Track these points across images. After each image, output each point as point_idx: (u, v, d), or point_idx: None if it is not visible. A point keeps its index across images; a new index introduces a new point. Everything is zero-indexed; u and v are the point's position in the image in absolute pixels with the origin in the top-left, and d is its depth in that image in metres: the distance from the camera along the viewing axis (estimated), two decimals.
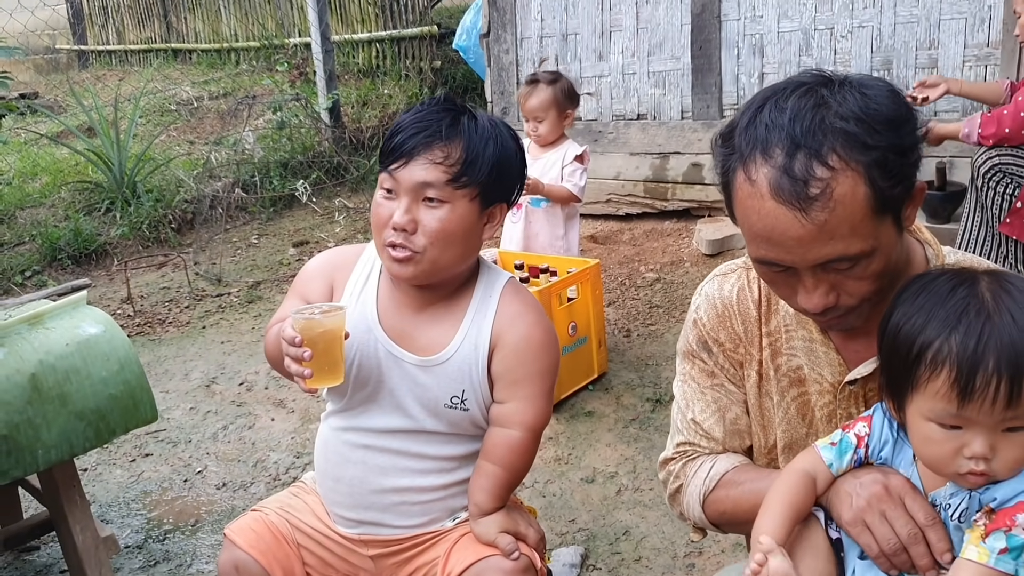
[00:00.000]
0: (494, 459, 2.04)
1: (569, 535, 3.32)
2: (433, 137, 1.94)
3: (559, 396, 4.15)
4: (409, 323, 2.06)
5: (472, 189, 1.96)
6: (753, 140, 1.51)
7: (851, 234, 1.47)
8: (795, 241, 1.48)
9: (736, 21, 6.24)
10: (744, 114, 1.56)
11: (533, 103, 4.45)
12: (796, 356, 1.78)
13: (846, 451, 1.61)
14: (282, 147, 8.21)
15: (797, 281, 1.56)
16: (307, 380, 1.87)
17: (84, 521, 2.94)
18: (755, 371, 1.84)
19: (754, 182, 1.49)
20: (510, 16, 7.26)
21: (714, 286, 1.90)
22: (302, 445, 4.06)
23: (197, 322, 5.72)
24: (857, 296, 1.55)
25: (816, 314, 1.59)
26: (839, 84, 1.51)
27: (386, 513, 2.09)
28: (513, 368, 2.03)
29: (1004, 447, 1.42)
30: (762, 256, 1.55)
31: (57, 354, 2.69)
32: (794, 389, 1.79)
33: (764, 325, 1.82)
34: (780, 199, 1.46)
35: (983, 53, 5.37)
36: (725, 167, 1.57)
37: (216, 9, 12.23)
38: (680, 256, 6.00)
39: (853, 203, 1.45)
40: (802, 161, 1.45)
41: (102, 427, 2.76)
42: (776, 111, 1.50)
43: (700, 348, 1.89)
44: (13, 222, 7.12)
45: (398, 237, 1.93)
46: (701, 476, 1.85)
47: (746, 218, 1.54)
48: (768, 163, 1.48)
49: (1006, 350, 1.38)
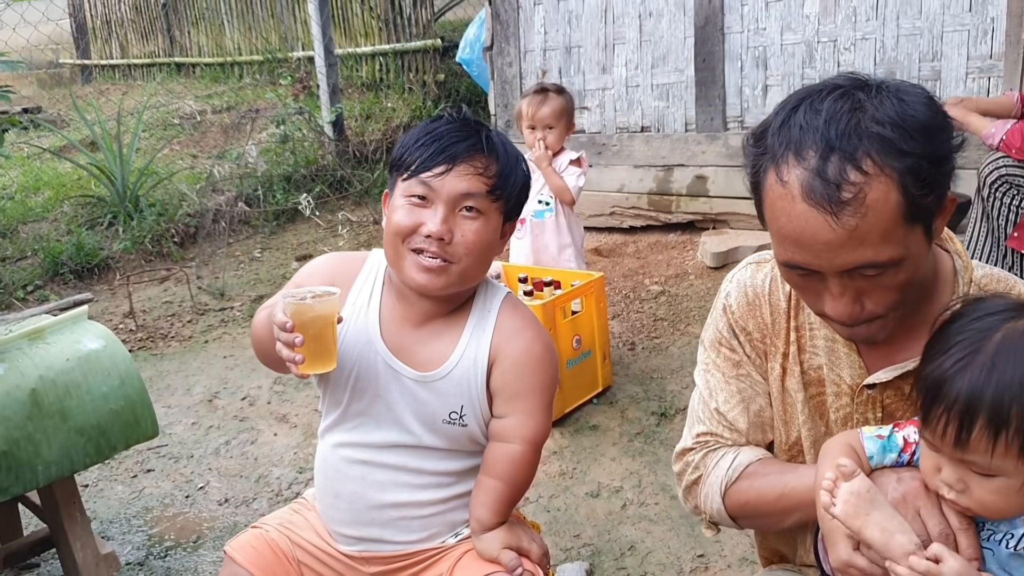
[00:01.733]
0: (495, 474, 2.02)
1: (574, 550, 3.29)
2: (476, 147, 1.93)
3: (564, 410, 4.13)
4: (409, 337, 2.04)
5: (504, 203, 1.97)
6: (786, 141, 1.50)
7: (881, 241, 1.45)
8: (824, 245, 1.46)
9: (739, 34, 6.23)
10: (778, 115, 1.55)
11: (546, 111, 4.47)
12: (818, 355, 1.77)
13: (890, 450, 1.58)
14: (285, 161, 8.21)
15: (824, 287, 1.54)
16: (299, 366, 1.84)
17: (85, 538, 2.92)
18: (779, 364, 1.82)
19: (785, 183, 1.48)
20: (513, 29, 7.26)
21: (747, 274, 1.88)
22: (304, 460, 4.04)
23: (199, 336, 5.71)
24: (883, 305, 1.54)
25: (841, 322, 1.57)
26: (876, 88, 1.50)
27: (386, 529, 2.07)
28: (512, 382, 2.01)
29: (976, 487, 1.41)
30: (790, 259, 1.53)
31: (58, 369, 2.67)
32: (812, 388, 1.79)
33: (793, 319, 1.80)
34: (811, 202, 1.45)
35: (986, 65, 5.35)
36: (756, 167, 1.56)
37: (220, 23, 12.26)
38: (685, 269, 5.98)
39: (885, 210, 1.43)
40: (836, 164, 1.43)
41: (103, 443, 2.75)
42: (811, 112, 1.49)
43: (730, 336, 1.87)
44: (15, 236, 7.12)
45: (432, 245, 1.90)
46: (724, 466, 1.82)
47: (775, 219, 1.52)
48: (801, 164, 1.47)
49: (973, 392, 1.36)
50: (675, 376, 4.52)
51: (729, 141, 6.34)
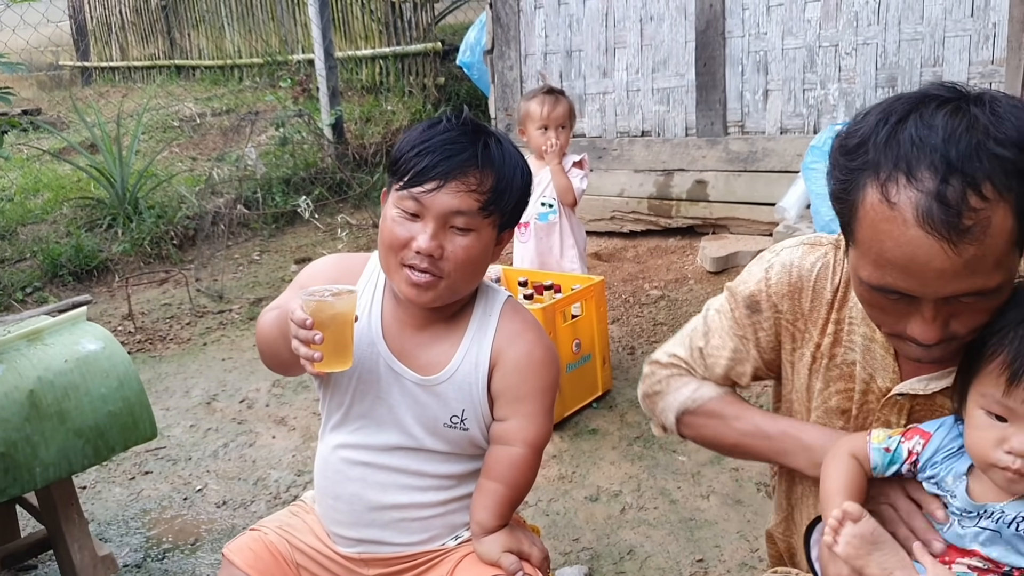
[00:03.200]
0: (495, 477, 2.01)
1: (573, 554, 3.28)
2: (469, 163, 1.89)
3: (563, 414, 4.13)
4: (410, 341, 2.03)
5: (497, 217, 1.95)
6: (896, 157, 1.40)
7: (994, 268, 1.39)
8: (936, 274, 1.38)
9: (740, 38, 6.23)
10: (879, 126, 1.44)
11: (560, 111, 4.50)
12: (853, 351, 1.74)
13: (895, 462, 1.60)
14: (285, 163, 8.21)
15: (912, 311, 1.47)
16: (316, 364, 1.83)
17: (82, 539, 2.91)
18: (810, 352, 1.80)
19: (895, 205, 1.38)
20: (514, 33, 7.26)
21: (797, 253, 1.82)
22: (303, 463, 4.03)
23: (198, 339, 5.70)
24: (969, 327, 1.48)
25: (926, 346, 1.49)
26: (988, 103, 1.41)
27: (386, 530, 2.06)
28: (514, 385, 2.01)
29: None
30: (887, 284, 1.44)
31: (56, 370, 2.66)
32: (841, 383, 1.76)
33: (835, 311, 1.76)
34: (928, 228, 1.35)
35: (987, 70, 5.35)
36: (851, 182, 1.46)
37: (220, 26, 12.26)
38: (684, 273, 5.98)
39: (1000, 236, 1.37)
40: (957, 188, 1.34)
41: (101, 444, 2.73)
42: (924, 128, 1.39)
43: (745, 303, 1.87)
44: (14, 238, 7.11)
45: (422, 261, 1.89)
46: (685, 393, 1.94)
47: (878, 242, 1.42)
48: (914, 186, 1.37)
49: None
50: None
51: (729, 146, 6.34)
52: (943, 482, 1.56)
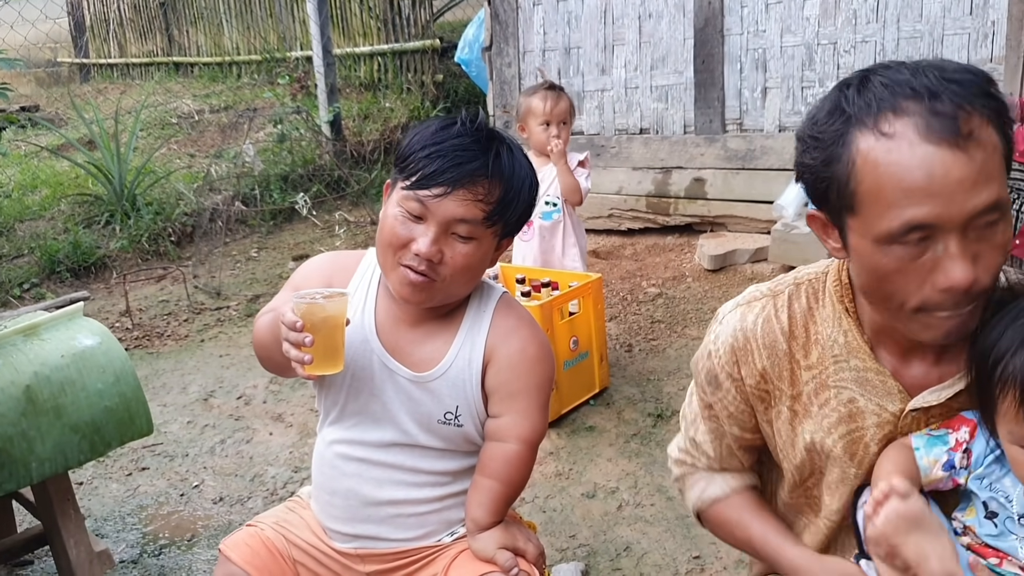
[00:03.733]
0: (490, 473, 2.01)
1: (570, 551, 3.28)
2: (479, 173, 1.88)
3: (560, 411, 4.12)
4: (404, 337, 2.04)
5: (500, 227, 1.95)
6: (875, 102, 1.41)
7: (1000, 179, 1.39)
8: (958, 184, 1.36)
9: (739, 36, 6.23)
10: (844, 90, 1.47)
11: (564, 106, 4.49)
12: (847, 388, 1.67)
13: (937, 444, 1.56)
14: (283, 160, 8.20)
15: (939, 258, 1.41)
16: (307, 367, 1.83)
17: (78, 535, 2.91)
18: (787, 407, 1.74)
19: (892, 135, 1.39)
20: (512, 30, 7.26)
21: (736, 316, 1.78)
22: (300, 460, 4.02)
23: (196, 335, 5.69)
24: (991, 272, 1.43)
25: (960, 295, 1.43)
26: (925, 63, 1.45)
27: (382, 526, 2.06)
28: (508, 381, 2.01)
29: None
30: (911, 220, 1.39)
31: (52, 366, 2.66)
32: (843, 426, 1.68)
33: (802, 358, 1.70)
34: (933, 140, 1.36)
35: (986, 68, 5.34)
36: (834, 146, 1.46)
37: (218, 22, 12.25)
38: (682, 271, 5.98)
39: (991, 146, 1.39)
40: (946, 102, 1.37)
41: (97, 440, 2.73)
42: (889, 76, 1.43)
43: (706, 381, 1.83)
44: (12, 234, 7.10)
45: (420, 264, 1.89)
46: (695, 494, 1.94)
47: (890, 178, 1.40)
48: (904, 115, 1.39)
49: None
50: (672, 378, 4.51)
51: (728, 143, 6.34)
52: (999, 483, 1.51)
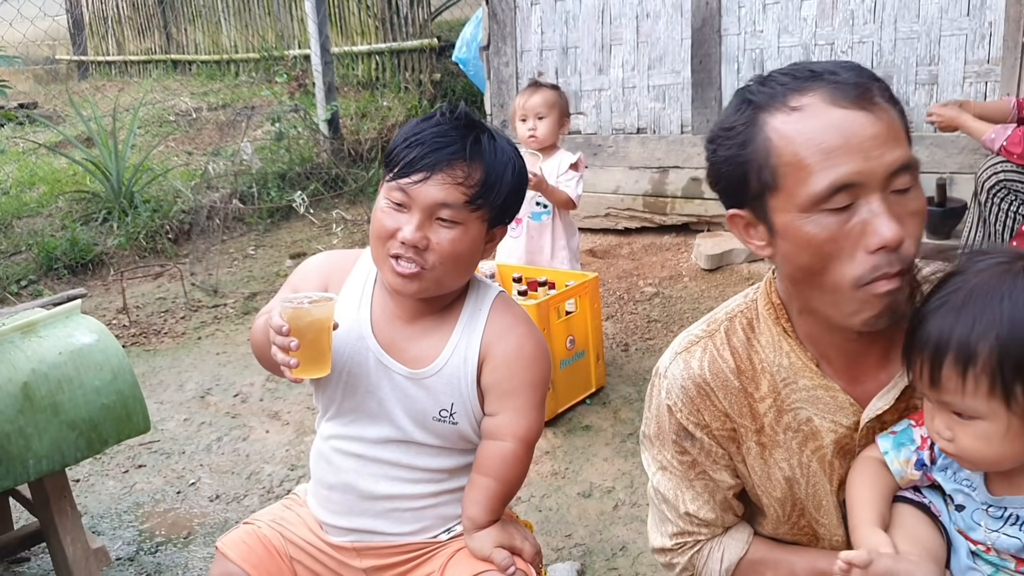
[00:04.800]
0: (487, 471, 2.02)
1: (565, 550, 3.29)
2: (457, 156, 1.90)
3: (556, 410, 4.13)
4: (400, 334, 2.05)
5: (486, 212, 1.95)
6: (776, 88, 1.50)
7: (907, 142, 1.46)
8: (872, 140, 1.42)
9: (736, 36, 6.24)
10: (748, 86, 1.55)
11: (536, 100, 4.47)
12: (802, 409, 1.66)
13: (904, 443, 1.56)
14: (280, 158, 8.20)
15: (864, 219, 1.43)
16: (293, 370, 1.85)
17: (75, 532, 2.91)
18: (754, 442, 1.72)
19: (802, 107, 1.46)
20: (510, 29, 7.26)
21: (679, 366, 1.75)
22: (296, 457, 4.03)
23: (192, 333, 5.69)
24: (915, 239, 1.46)
25: (889, 254, 1.43)
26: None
27: (378, 520, 2.07)
28: (504, 380, 2.02)
29: (960, 433, 1.41)
30: (833, 180, 1.42)
31: (50, 363, 2.66)
32: (810, 444, 1.67)
33: (755, 391, 1.69)
34: (843, 104, 1.43)
35: (983, 69, 5.36)
36: (746, 134, 1.51)
37: (216, 20, 12.24)
38: (679, 271, 5.98)
39: (893, 114, 1.46)
40: (846, 75, 1.46)
41: (94, 437, 2.73)
42: (787, 69, 1.52)
43: (681, 437, 1.76)
44: (10, 231, 7.10)
45: (407, 252, 1.90)
46: (715, 565, 1.81)
47: (806, 145, 1.43)
48: (809, 91, 1.46)
49: (942, 330, 1.38)
50: None
51: None
52: (961, 472, 1.51)
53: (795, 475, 1.70)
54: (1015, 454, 1.40)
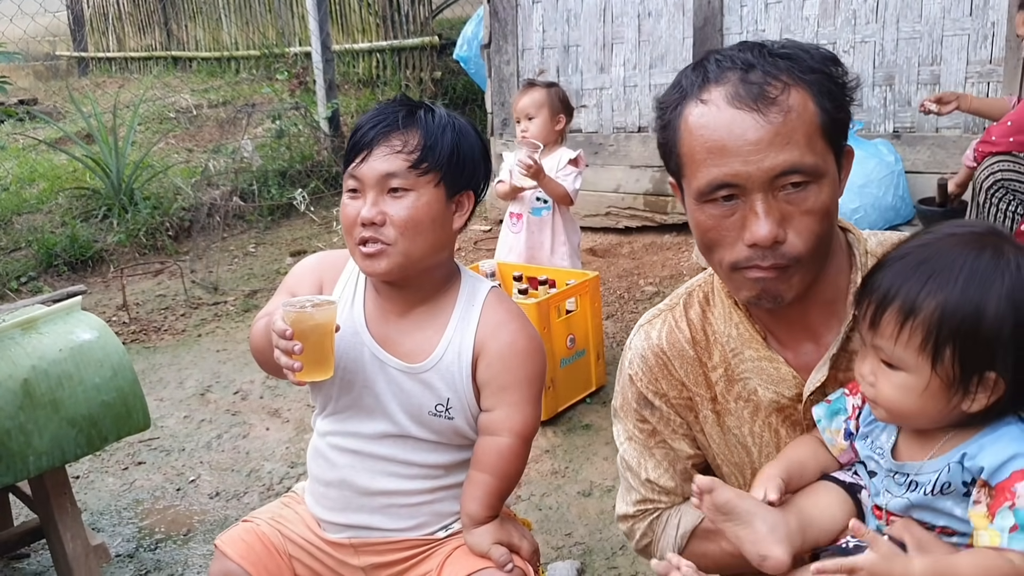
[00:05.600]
0: (484, 467, 2.03)
1: (565, 549, 3.29)
2: (390, 127, 1.95)
3: (556, 409, 4.13)
4: (394, 328, 2.06)
5: (435, 175, 1.96)
6: (702, 76, 1.55)
7: (806, 144, 1.49)
8: (752, 146, 1.47)
9: (738, 35, 6.22)
10: (684, 71, 1.60)
11: (525, 100, 4.49)
12: (750, 379, 1.73)
13: (837, 413, 1.61)
14: (281, 156, 8.20)
15: (745, 214, 1.52)
16: (297, 373, 1.86)
17: (75, 529, 2.91)
18: (710, 410, 1.79)
19: (707, 101, 1.52)
20: (511, 27, 7.25)
21: (640, 338, 1.85)
22: (296, 455, 4.03)
23: (192, 330, 5.69)
24: (804, 236, 1.51)
25: (762, 250, 1.51)
26: (773, 41, 1.59)
27: (374, 515, 2.08)
28: (499, 375, 2.02)
29: (882, 380, 1.46)
30: (713, 179, 1.51)
31: (50, 359, 2.66)
32: (760, 414, 1.74)
33: (708, 360, 1.77)
34: (738, 104, 1.48)
35: (986, 70, 5.35)
36: (669, 118, 1.58)
37: (217, 17, 12.24)
38: (679, 270, 5.98)
39: (805, 114, 1.49)
40: (758, 74, 1.50)
41: (94, 434, 2.73)
42: (720, 55, 1.56)
43: (641, 406, 1.84)
44: (9, 228, 7.10)
45: (368, 231, 1.93)
46: (671, 534, 1.85)
47: (698, 140, 1.53)
48: (722, 84, 1.51)
49: (895, 281, 1.42)
50: None
51: None
52: (877, 439, 1.55)
53: (747, 443, 1.77)
54: (925, 413, 1.45)
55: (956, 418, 1.44)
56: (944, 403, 1.42)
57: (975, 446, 1.41)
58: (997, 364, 1.38)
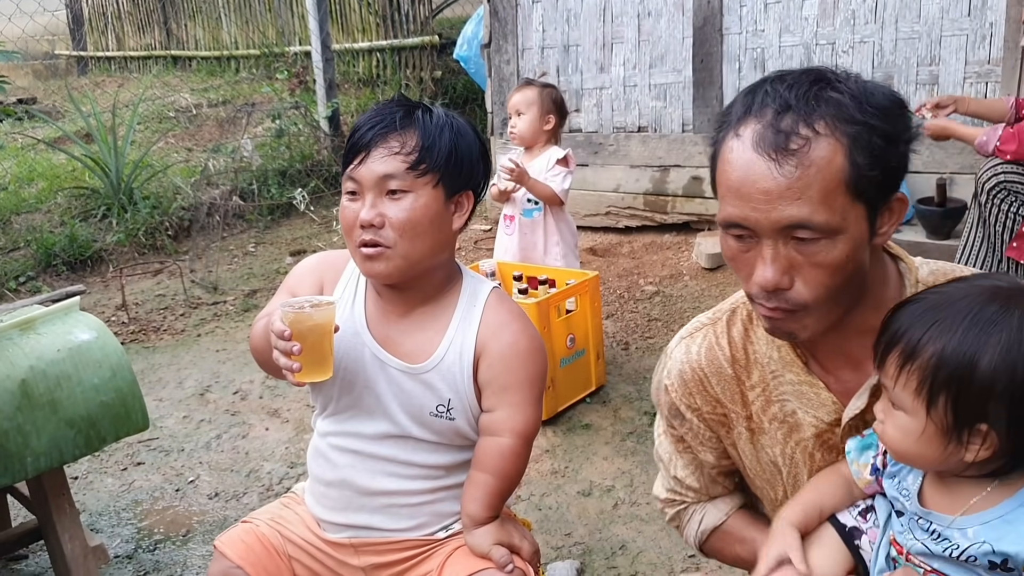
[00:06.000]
0: (485, 468, 2.02)
1: (565, 549, 3.28)
2: (388, 128, 1.95)
3: (556, 409, 4.12)
4: (395, 329, 2.06)
5: (433, 176, 1.96)
6: (748, 105, 1.52)
7: (820, 201, 1.44)
8: (763, 195, 1.46)
9: (738, 35, 6.23)
10: (746, 89, 1.57)
11: (517, 97, 4.51)
12: (788, 401, 1.73)
13: (868, 448, 1.62)
14: (280, 155, 8.19)
15: (755, 255, 1.52)
16: (296, 374, 1.86)
17: (73, 530, 2.91)
18: (744, 427, 1.81)
19: (740, 136, 1.50)
20: (511, 27, 7.25)
21: (681, 350, 1.86)
22: (296, 455, 4.02)
23: (192, 330, 5.69)
24: (812, 287, 1.50)
25: (764, 289, 1.52)
26: (844, 73, 1.54)
27: (375, 515, 2.08)
28: (500, 375, 2.02)
29: (888, 419, 1.48)
30: (728, 216, 1.52)
31: (48, 360, 2.66)
32: (794, 435, 1.75)
33: (746, 379, 1.78)
34: (759, 150, 1.46)
35: (984, 70, 5.35)
36: (716, 138, 1.57)
37: (216, 16, 12.22)
38: (679, 269, 5.98)
39: (828, 169, 1.44)
40: (790, 119, 1.46)
41: (92, 435, 2.73)
42: (777, 82, 1.52)
43: (672, 415, 1.88)
44: (8, 227, 7.09)
45: (367, 234, 1.93)
46: (693, 527, 1.98)
47: (724, 175, 1.52)
48: (758, 121, 1.48)
49: (903, 325, 1.44)
50: None
51: None
52: (904, 480, 1.55)
53: (779, 463, 1.79)
54: (924, 457, 1.46)
55: (960, 467, 1.44)
56: (940, 450, 1.42)
57: (1007, 528, 1.41)
58: (990, 417, 1.38)
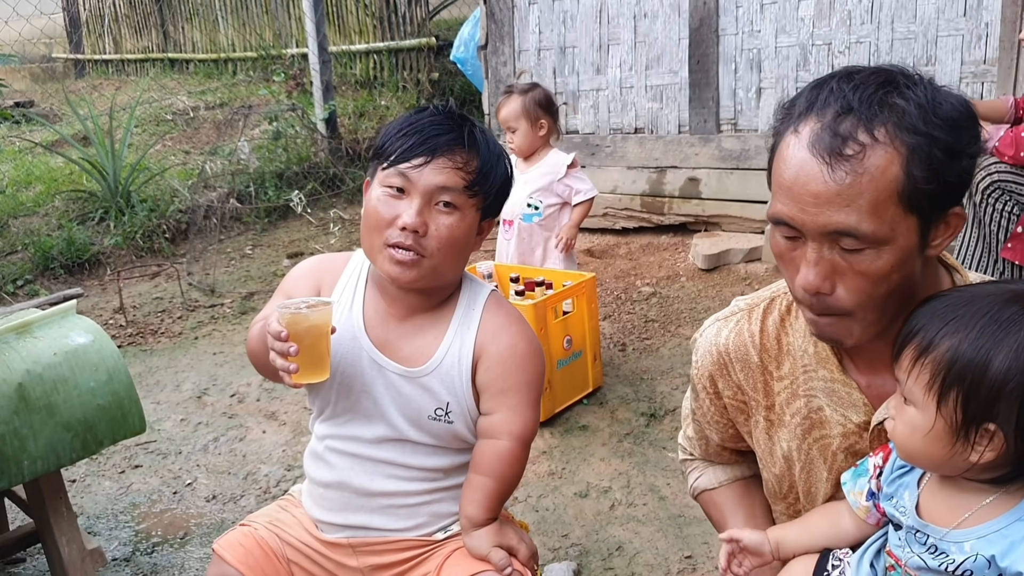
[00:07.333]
0: (483, 470, 2.03)
1: (562, 550, 3.29)
2: (456, 142, 1.93)
3: (553, 410, 4.13)
4: (393, 332, 2.05)
5: (481, 199, 1.97)
6: (812, 102, 1.49)
7: (870, 210, 1.42)
8: (812, 197, 1.44)
9: (734, 36, 6.23)
10: (812, 83, 1.55)
11: (504, 114, 4.49)
12: (816, 397, 1.73)
13: (861, 475, 1.63)
14: (278, 158, 8.19)
15: (803, 255, 1.51)
16: (292, 375, 1.86)
17: (70, 533, 2.91)
18: (763, 416, 1.82)
19: (799, 134, 1.48)
20: (508, 29, 7.25)
21: (713, 331, 1.88)
22: (293, 458, 4.02)
23: (189, 333, 5.69)
24: (855, 295, 1.50)
25: (808, 295, 1.52)
26: (917, 77, 1.50)
27: (373, 515, 2.08)
28: (498, 378, 2.02)
29: (899, 414, 1.49)
30: (777, 213, 1.51)
31: (45, 364, 2.66)
32: (815, 431, 1.74)
33: (775, 369, 1.78)
34: (814, 151, 1.44)
35: (980, 70, 5.36)
36: (778, 130, 1.55)
37: (213, 19, 12.23)
38: (676, 270, 5.98)
39: (882, 179, 1.42)
40: (850, 123, 1.43)
41: (89, 438, 2.73)
42: (844, 80, 1.49)
43: (691, 387, 1.97)
44: (6, 231, 7.09)
45: (406, 238, 1.90)
46: (691, 480, 2.14)
47: (778, 171, 1.51)
48: (818, 120, 1.46)
49: (921, 321, 1.46)
50: (665, 377, 4.51)
51: (722, 143, 6.34)
52: (900, 497, 1.55)
53: (793, 458, 1.79)
54: (930, 456, 1.46)
55: (965, 469, 1.44)
56: (948, 448, 1.43)
57: (1004, 542, 1.41)
58: (998, 417, 1.38)
